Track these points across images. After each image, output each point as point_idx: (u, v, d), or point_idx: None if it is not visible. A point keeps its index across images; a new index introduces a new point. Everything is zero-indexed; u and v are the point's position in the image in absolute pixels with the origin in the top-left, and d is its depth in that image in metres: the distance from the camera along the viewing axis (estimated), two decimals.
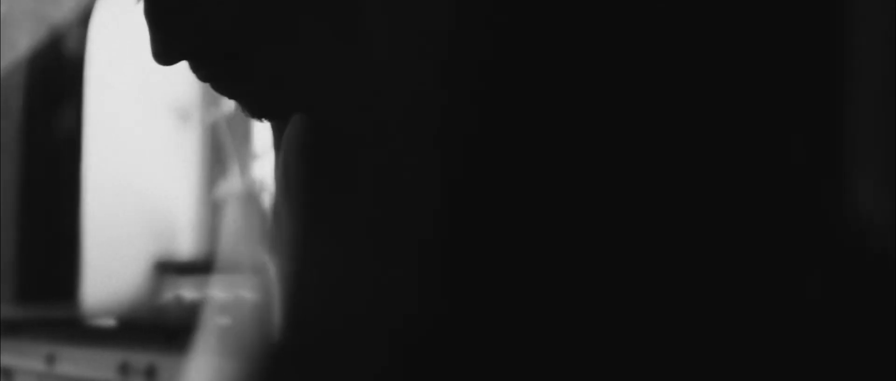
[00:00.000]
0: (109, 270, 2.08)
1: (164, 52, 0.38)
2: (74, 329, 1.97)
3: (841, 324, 0.38)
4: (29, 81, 2.30)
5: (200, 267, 1.96)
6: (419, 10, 0.39)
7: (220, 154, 2.10)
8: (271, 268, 0.46)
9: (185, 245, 2.16)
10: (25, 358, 2.09)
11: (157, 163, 2.13)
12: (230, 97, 0.39)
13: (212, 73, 0.39)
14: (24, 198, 2.38)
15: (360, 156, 0.40)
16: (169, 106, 2.11)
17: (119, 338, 1.81)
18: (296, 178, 0.43)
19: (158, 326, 1.76)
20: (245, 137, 1.99)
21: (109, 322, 1.92)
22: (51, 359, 1.99)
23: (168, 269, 2.09)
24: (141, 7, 0.38)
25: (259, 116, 0.40)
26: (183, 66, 0.38)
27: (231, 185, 2.03)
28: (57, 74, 2.18)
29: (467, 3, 0.39)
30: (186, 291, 1.97)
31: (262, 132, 1.75)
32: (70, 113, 2.11)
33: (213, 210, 2.09)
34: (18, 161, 2.37)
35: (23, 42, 2.08)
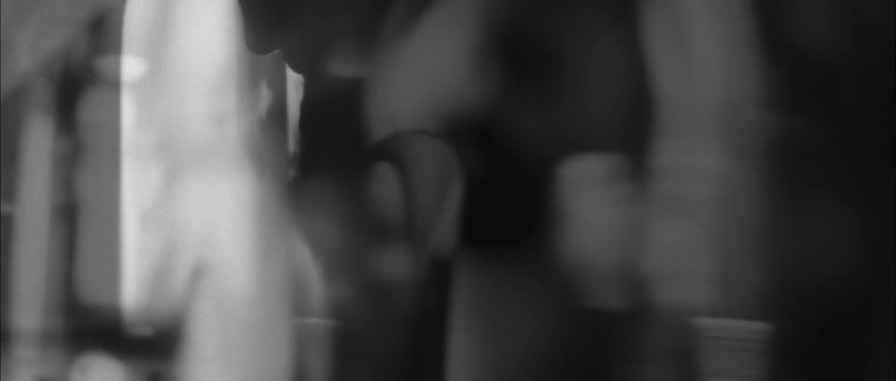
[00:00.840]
0: (148, 277, 2.08)
1: (259, 42, 0.35)
2: (110, 339, 1.99)
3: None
4: (62, 80, 2.31)
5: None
6: None
7: (255, 158, 2.10)
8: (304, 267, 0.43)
9: (225, 251, 2.16)
10: (60, 369, 2.10)
11: (194, 167, 2.13)
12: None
13: (306, 66, 0.35)
14: (60, 204, 2.38)
15: None
16: (206, 110, 2.10)
17: (155, 348, 1.82)
18: None
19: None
20: (280, 143, 1.99)
21: (147, 332, 1.93)
22: (84, 370, 2.00)
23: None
24: None
25: None
26: (227, 67, 0.34)
27: (264, 187, 2.04)
28: (89, 75, 2.18)
29: None
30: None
31: (294, 137, 1.77)
32: (104, 116, 2.10)
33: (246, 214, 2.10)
34: (53, 165, 2.37)
35: (54, 43, 2.09)
